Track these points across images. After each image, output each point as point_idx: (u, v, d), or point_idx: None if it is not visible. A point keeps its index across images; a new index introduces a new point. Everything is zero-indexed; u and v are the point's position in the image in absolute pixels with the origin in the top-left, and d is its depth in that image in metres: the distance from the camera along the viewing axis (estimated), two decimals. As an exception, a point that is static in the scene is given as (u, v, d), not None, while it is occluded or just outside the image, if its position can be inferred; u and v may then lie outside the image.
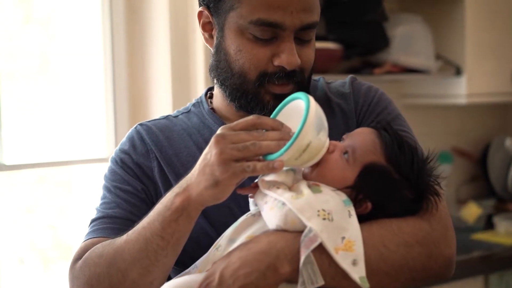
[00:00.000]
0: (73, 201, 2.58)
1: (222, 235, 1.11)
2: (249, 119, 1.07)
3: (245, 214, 1.12)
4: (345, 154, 1.10)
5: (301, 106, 1.06)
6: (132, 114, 2.55)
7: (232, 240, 1.08)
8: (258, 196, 1.08)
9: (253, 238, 1.05)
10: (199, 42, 2.41)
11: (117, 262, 1.11)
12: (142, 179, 1.27)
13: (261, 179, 1.08)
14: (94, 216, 1.26)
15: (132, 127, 1.34)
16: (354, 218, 1.04)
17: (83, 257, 1.17)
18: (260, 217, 1.08)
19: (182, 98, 2.42)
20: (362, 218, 1.06)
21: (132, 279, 1.11)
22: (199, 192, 1.05)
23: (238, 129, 1.06)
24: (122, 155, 1.29)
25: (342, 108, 1.31)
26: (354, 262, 1.01)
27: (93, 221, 1.26)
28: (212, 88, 1.36)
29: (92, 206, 1.31)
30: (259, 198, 1.07)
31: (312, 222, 1.00)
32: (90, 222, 1.26)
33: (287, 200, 1.02)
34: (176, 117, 1.35)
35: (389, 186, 1.09)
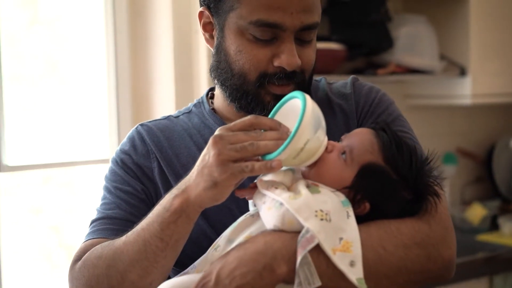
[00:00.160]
0: (77, 201, 2.58)
1: (221, 236, 1.11)
2: (246, 120, 1.07)
3: (244, 215, 1.12)
4: (343, 154, 1.10)
5: (298, 105, 1.05)
6: (135, 115, 2.55)
7: (230, 240, 1.08)
8: (256, 196, 1.08)
9: (250, 238, 1.05)
10: (202, 43, 2.40)
11: (116, 263, 1.11)
12: (142, 180, 1.27)
13: (259, 179, 1.08)
14: (94, 216, 1.27)
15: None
16: (352, 219, 1.04)
17: (83, 258, 1.17)
18: (259, 217, 1.08)
19: (185, 99, 2.41)
20: (361, 219, 1.06)
21: (131, 281, 1.10)
22: (198, 193, 1.05)
23: (236, 129, 1.06)
24: (122, 156, 1.30)
25: (343, 108, 1.31)
26: (351, 263, 1.00)
27: (93, 221, 1.26)
28: (213, 88, 1.36)
29: (96, 207, 1.32)
30: (258, 198, 1.07)
31: (309, 223, 1.00)
32: (90, 223, 1.26)
33: (285, 200, 1.02)
34: (177, 117, 1.35)
35: (387, 186, 1.08)
